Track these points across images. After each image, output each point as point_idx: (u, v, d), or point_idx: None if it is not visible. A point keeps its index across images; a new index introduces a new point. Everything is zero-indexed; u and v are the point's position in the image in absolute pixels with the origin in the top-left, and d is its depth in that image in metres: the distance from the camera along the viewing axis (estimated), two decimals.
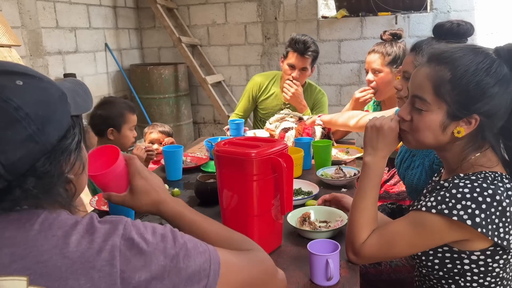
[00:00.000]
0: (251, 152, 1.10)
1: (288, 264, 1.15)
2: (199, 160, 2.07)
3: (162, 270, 0.67)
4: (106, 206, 1.53)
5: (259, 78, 2.87)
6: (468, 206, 0.94)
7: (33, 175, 0.64)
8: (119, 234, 0.66)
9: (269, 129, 2.35)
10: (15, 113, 0.61)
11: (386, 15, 4.42)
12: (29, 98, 0.63)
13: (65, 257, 0.62)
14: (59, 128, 0.67)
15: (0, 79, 0.63)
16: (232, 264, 0.77)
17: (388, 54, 2.14)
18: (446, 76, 1.00)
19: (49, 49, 3.77)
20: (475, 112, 0.99)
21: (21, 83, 0.64)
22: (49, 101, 0.66)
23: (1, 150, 0.60)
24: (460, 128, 1.01)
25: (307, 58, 2.56)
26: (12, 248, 0.61)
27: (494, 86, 0.98)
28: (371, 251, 1.08)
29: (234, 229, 1.17)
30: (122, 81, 4.82)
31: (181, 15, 5.00)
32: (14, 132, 0.61)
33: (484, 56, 1.00)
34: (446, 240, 1.00)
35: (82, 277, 0.61)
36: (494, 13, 4.17)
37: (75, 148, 0.70)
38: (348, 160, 2.03)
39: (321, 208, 1.40)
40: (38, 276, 0.60)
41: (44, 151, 0.65)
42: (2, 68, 0.65)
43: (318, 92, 2.80)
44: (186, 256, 0.70)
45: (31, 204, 0.66)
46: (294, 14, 4.67)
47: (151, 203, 0.94)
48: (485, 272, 1.02)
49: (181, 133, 4.86)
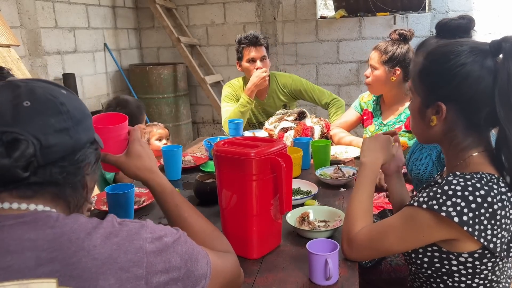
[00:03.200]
0: (250, 152, 1.10)
1: (287, 263, 1.15)
2: (198, 160, 2.08)
3: (178, 272, 0.71)
4: (105, 206, 1.53)
5: (234, 81, 2.86)
6: (457, 203, 0.94)
7: (61, 165, 0.70)
8: (143, 237, 0.69)
9: (268, 129, 2.36)
10: (60, 106, 0.71)
11: (384, 15, 4.43)
12: (71, 102, 0.74)
13: (94, 258, 0.64)
14: (87, 135, 0.75)
15: (51, 86, 0.75)
16: (219, 268, 0.83)
17: (386, 52, 2.14)
18: (419, 66, 1.09)
19: (48, 49, 3.77)
20: (438, 100, 1.04)
21: (65, 92, 0.75)
22: (84, 111, 0.77)
23: (44, 132, 0.67)
24: (433, 117, 1.06)
25: (262, 46, 2.69)
26: (36, 251, 0.62)
27: (459, 75, 0.99)
28: (363, 240, 1.10)
29: (234, 229, 1.18)
30: (121, 81, 4.82)
31: (180, 15, 5.00)
32: (56, 120, 0.69)
33: (457, 46, 1.02)
34: (435, 237, 1.00)
35: (111, 278, 0.63)
36: (492, 14, 4.19)
37: (95, 160, 0.78)
38: (347, 159, 2.04)
39: (320, 208, 1.40)
40: (68, 277, 0.61)
41: (74, 147, 0.72)
42: (52, 82, 0.77)
43: (286, 82, 2.81)
44: (195, 260, 0.76)
45: (48, 199, 0.70)
46: (293, 14, 4.67)
47: (143, 168, 1.03)
48: (473, 274, 1.01)
49: (180, 133, 4.86)
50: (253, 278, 1.08)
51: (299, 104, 3.01)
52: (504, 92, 0.96)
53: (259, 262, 1.16)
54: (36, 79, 0.77)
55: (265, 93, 2.80)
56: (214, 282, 0.80)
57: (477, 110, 1.01)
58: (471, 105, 1.01)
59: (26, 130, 0.66)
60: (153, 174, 1.03)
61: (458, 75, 1.00)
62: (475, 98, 1.00)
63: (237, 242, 1.17)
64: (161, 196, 1.02)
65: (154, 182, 1.02)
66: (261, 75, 2.62)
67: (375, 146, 1.26)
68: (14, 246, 0.62)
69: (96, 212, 1.53)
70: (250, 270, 1.11)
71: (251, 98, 2.64)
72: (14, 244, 0.62)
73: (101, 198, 1.59)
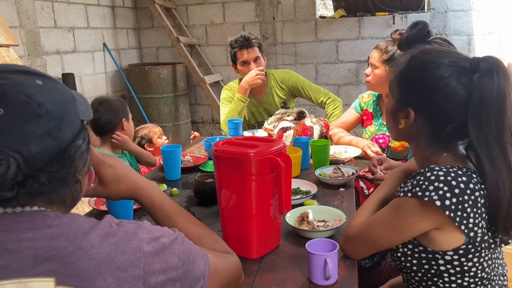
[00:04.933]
0: (249, 152, 1.10)
1: (286, 263, 1.15)
2: (197, 160, 2.08)
3: (175, 272, 0.71)
4: (105, 206, 1.53)
5: (233, 84, 2.85)
6: (440, 188, 0.95)
7: (48, 170, 0.66)
8: (141, 238, 0.69)
9: (267, 129, 2.36)
10: (38, 108, 0.64)
11: (383, 15, 4.43)
12: (48, 97, 0.66)
13: (92, 258, 0.63)
14: (73, 127, 0.70)
15: (22, 78, 0.66)
16: (218, 268, 0.83)
17: (387, 52, 2.14)
18: (399, 68, 1.11)
19: (47, 49, 3.76)
20: (408, 106, 1.06)
21: (40, 83, 0.67)
22: (64, 101, 0.69)
23: (24, 142, 0.62)
24: (401, 120, 1.09)
25: (254, 47, 2.67)
26: (34, 250, 0.62)
27: (433, 87, 1.00)
28: (354, 231, 1.13)
29: (233, 229, 1.18)
30: (121, 81, 4.82)
31: (179, 15, 5.00)
32: (35, 126, 0.63)
33: (438, 58, 1.02)
34: (421, 226, 1.00)
35: (109, 277, 0.63)
36: (491, 13, 4.19)
37: (85, 148, 0.73)
38: (346, 159, 2.04)
39: (319, 208, 1.40)
40: (66, 277, 0.61)
41: (59, 148, 0.67)
42: (22, 68, 0.69)
43: (284, 77, 2.81)
44: (193, 260, 0.75)
45: (43, 201, 0.68)
46: (292, 14, 4.67)
47: (126, 191, 0.94)
48: (461, 272, 1.01)
49: (180, 132, 4.86)
50: (252, 278, 1.08)
51: (298, 104, 3.02)
52: (475, 113, 0.97)
53: (259, 262, 1.16)
54: (7, 69, 0.68)
55: (264, 91, 2.79)
56: (213, 282, 0.80)
57: (443, 123, 1.03)
58: (438, 118, 1.03)
59: (3, 146, 0.61)
60: (137, 191, 0.95)
61: (432, 87, 1.01)
62: (443, 112, 1.02)
63: (237, 242, 1.18)
64: (151, 210, 0.96)
65: (140, 199, 0.96)
66: (253, 73, 2.61)
67: None
68: (12, 245, 0.62)
69: (95, 212, 1.53)
70: (249, 270, 1.12)
71: (244, 96, 2.63)
72: (12, 243, 0.62)
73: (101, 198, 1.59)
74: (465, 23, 4.26)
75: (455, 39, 4.25)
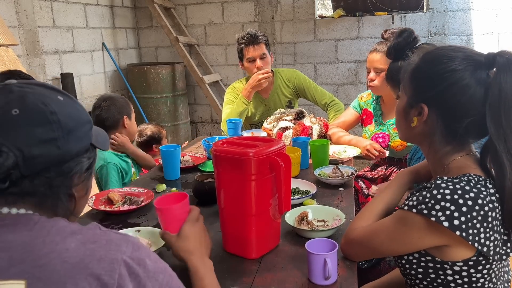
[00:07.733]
0: (249, 152, 1.10)
1: (286, 263, 1.15)
2: (196, 160, 2.08)
3: None
4: (104, 206, 1.53)
5: (237, 84, 2.86)
6: (446, 207, 0.93)
7: (45, 176, 0.69)
8: (122, 250, 0.67)
9: (266, 129, 2.35)
10: (50, 116, 0.69)
11: (382, 14, 4.43)
12: (64, 110, 0.71)
13: (65, 261, 0.63)
14: (79, 144, 0.73)
15: (45, 91, 0.72)
16: None
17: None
18: (412, 65, 1.09)
19: (46, 49, 3.76)
20: (423, 101, 1.04)
21: (61, 99, 0.73)
22: (78, 119, 0.74)
23: (27, 143, 0.66)
24: (414, 118, 1.06)
25: (260, 44, 2.66)
26: (10, 252, 0.62)
27: (447, 80, 0.99)
28: (357, 235, 1.12)
29: (232, 229, 1.18)
30: (120, 81, 4.81)
31: (178, 15, 4.99)
32: (43, 131, 0.68)
33: (453, 52, 1.01)
34: (426, 243, 0.98)
35: (80, 282, 0.62)
36: (490, 13, 4.19)
37: (86, 168, 0.76)
38: (346, 159, 2.04)
39: (319, 208, 1.40)
40: (36, 280, 0.61)
41: (61, 159, 0.70)
42: (48, 85, 0.75)
43: (290, 76, 2.81)
44: None
45: (32, 203, 0.69)
46: (291, 13, 4.67)
47: (184, 250, 1.00)
48: (469, 282, 0.99)
49: (179, 132, 4.86)
50: (252, 278, 1.08)
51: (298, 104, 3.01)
52: (494, 107, 0.95)
53: (258, 262, 1.16)
54: (35, 82, 0.74)
55: (269, 90, 2.80)
56: None
57: (458, 118, 1.00)
58: (453, 112, 1.01)
59: (8, 140, 0.65)
60: (191, 256, 0.99)
61: (446, 80, 0.99)
62: (458, 107, 0.99)
63: (236, 242, 1.18)
64: (192, 276, 0.97)
65: (189, 263, 0.99)
66: (257, 77, 2.61)
67: None
68: None
69: (95, 212, 1.53)
70: (249, 270, 1.11)
71: (248, 99, 2.63)
72: None
73: (100, 197, 1.59)
74: (464, 23, 4.27)
75: (454, 39, 4.26)
